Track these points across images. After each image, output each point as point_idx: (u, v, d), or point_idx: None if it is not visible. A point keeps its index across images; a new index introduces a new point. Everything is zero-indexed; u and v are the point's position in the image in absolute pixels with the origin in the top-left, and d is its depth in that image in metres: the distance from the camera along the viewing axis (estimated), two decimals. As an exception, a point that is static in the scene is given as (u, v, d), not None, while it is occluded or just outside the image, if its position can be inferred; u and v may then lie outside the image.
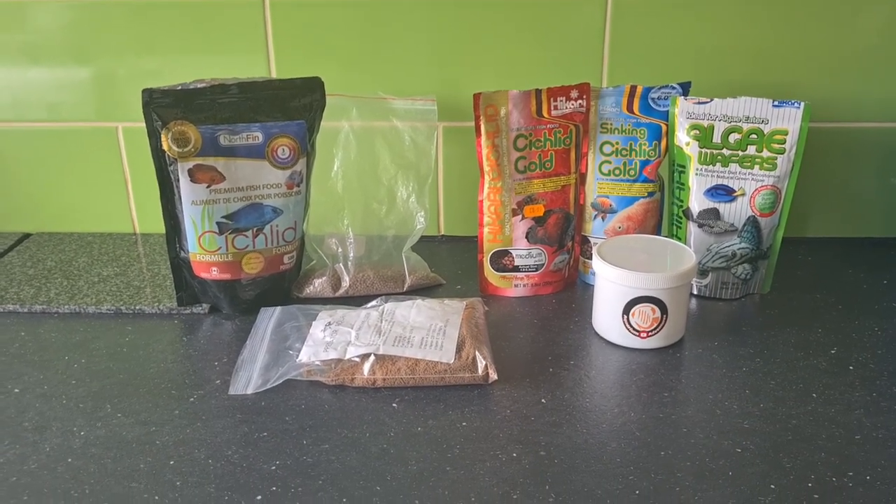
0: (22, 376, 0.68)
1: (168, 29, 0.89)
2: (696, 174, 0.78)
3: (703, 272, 0.80)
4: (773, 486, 0.53)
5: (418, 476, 0.55)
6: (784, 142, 0.75)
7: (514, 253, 0.80)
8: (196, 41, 0.90)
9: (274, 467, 0.56)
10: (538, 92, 0.76)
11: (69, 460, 0.57)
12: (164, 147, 0.71)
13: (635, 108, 0.79)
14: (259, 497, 0.53)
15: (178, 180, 0.72)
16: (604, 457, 0.56)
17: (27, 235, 0.98)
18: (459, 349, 0.66)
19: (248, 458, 0.56)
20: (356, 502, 0.52)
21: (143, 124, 0.71)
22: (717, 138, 0.77)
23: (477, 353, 0.65)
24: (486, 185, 0.78)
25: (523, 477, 0.54)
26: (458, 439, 0.59)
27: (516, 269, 0.81)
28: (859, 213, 0.95)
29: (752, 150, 0.76)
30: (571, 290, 0.84)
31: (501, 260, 0.80)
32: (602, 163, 0.81)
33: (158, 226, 0.96)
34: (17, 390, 0.66)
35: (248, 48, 0.90)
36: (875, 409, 0.62)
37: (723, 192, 0.78)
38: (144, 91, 0.70)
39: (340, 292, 0.81)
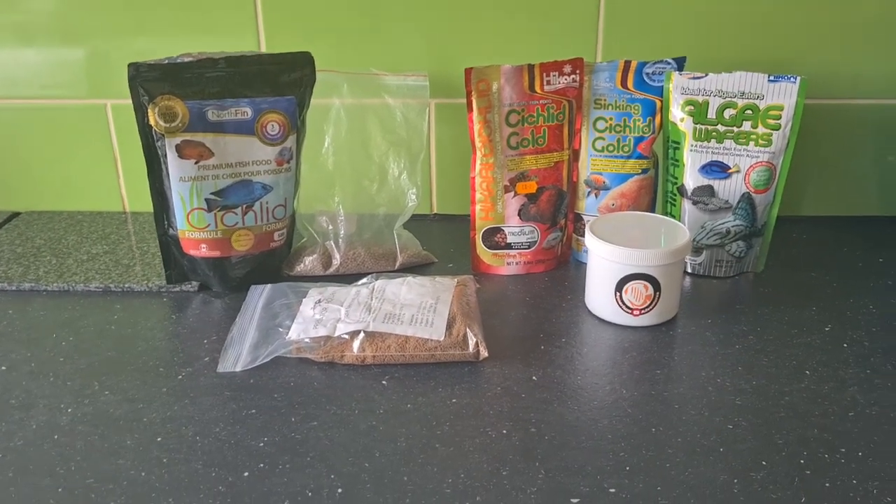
0: (9, 354, 0.67)
1: (157, 6, 0.88)
2: (691, 151, 0.77)
3: (697, 250, 0.79)
4: (764, 463, 0.53)
5: (407, 453, 0.54)
6: (780, 117, 0.74)
7: (506, 230, 0.79)
8: (186, 19, 0.88)
9: (262, 444, 0.55)
10: (531, 67, 0.75)
11: (56, 437, 0.56)
12: (151, 122, 0.70)
13: (629, 83, 0.78)
14: (246, 473, 0.52)
15: (166, 156, 0.71)
16: (595, 433, 0.56)
17: (16, 214, 0.97)
18: (450, 326, 0.65)
19: (235, 435, 0.56)
20: (344, 479, 0.52)
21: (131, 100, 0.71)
22: (711, 114, 0.76)
23: (468, 330, 0.65)
24: (479, 162, 0.77)
25: (513, 454, 0.54)
26: (448, 416, 0.58)
27: (508, 246, 0.80)
28: (855, 191, 0.95)
29: (747, 125, 0.75)
30: (564, 268, 0.83)
31: (494, 237, 0.80)
32: (595, 139, 0.80)
33: (148, 204, 0.95)
34: (3, 368, 0.65)
35: (238, 25, 0.88)
36: (869, 386, 0.61)
37: (717, 169, 0.77)
38: (130, 65, 0.69)
39: (331, 270, 0.80)
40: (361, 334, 0.64)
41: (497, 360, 0.65)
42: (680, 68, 0.78)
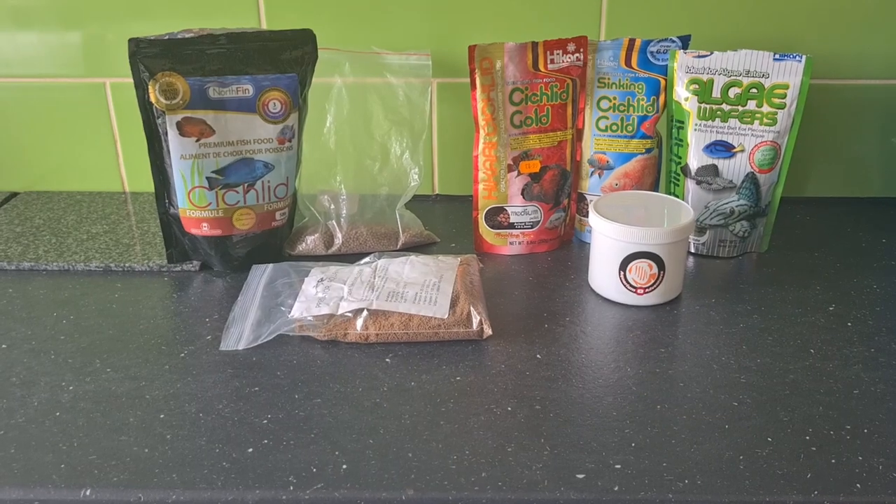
0: (9, 332, 0.67)
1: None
2: (695, 130, 0.77)
3: (700, 230, 0.79)
4: (769, 439, 0.53)
5: (411, 429, 0.54)
6: (785, 96, 0.74)
7: (509, 210, 0.79)
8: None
9: (266, 421, 0.55)
10: (534, 45, 0.75)
11: (57, 414, 0.56)
12: (152, 99, 0.69)
13: (633, 62, 0.77)
14: (250, 450, 0.52)
15: (167, 134, 0.70)
16: (599, 410, 0.56)
17: (14, 194, 0.97)
18: (454, 304, 0.65)
19: (239, 412, 0.56)
20: (349, 455, 0.51)
21: (131, 79, 0.70)
22: (716, 93, 0.75)
23: (471, 308, 0.64)
24: (482, 141, 0.77)
25: (518, 430, 0.54)
26: (452, 394, 0.58)
27: (511, 226, 0.80)
28: (859, 172, 0.94)
29: (752, 104, 0.75)
30: (567, 248, 0.83)
31: (496, 217, 0.79)
32: (599, 118, 0.79)
33: (148, 185, 0.95)
34: (4, 346, 0.64)
35: (238, 4, 0.87)
36: (873, 364, 0.61)
37: (722, 149, 0.76)
38: (131, 41, 0.68)
39: (333, 250, 0.80)
40: (365, 312, 0.64)
41: (501, 338, 0.65)
42: (684, 47, 0.77)
